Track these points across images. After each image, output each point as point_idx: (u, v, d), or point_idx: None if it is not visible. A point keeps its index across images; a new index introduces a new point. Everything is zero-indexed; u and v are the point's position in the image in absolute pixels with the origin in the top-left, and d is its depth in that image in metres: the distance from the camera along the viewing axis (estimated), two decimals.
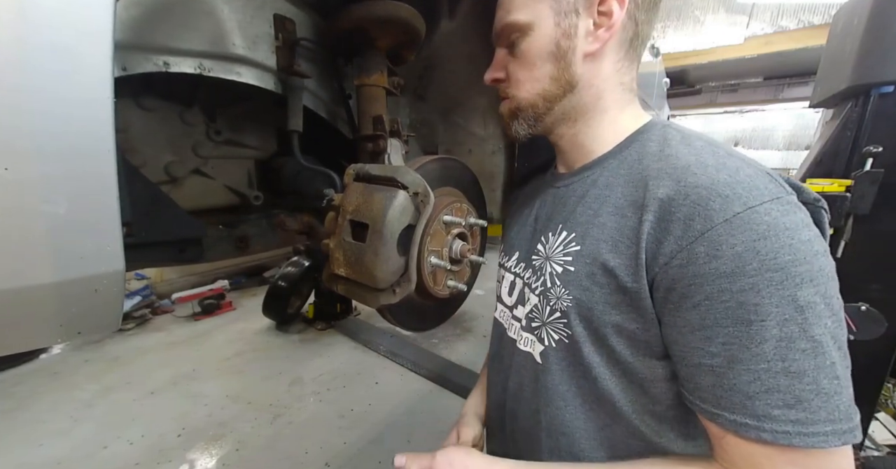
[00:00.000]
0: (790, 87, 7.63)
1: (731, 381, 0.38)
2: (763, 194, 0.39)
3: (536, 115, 0.56)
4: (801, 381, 0.36)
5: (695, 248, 0.39)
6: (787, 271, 0.36)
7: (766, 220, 0.37)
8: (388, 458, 2.31)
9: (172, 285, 4.08)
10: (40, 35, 0.37)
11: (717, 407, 0.40)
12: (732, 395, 0.38)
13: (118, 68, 0.61)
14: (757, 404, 0.37)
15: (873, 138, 1.23)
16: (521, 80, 0.55)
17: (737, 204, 0.38)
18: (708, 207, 0.39)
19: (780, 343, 0.36)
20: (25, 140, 0.37)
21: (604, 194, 0.51)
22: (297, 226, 0.97)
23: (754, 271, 0.37)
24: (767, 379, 0.37)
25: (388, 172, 0.67)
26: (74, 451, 2.13)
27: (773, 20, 6.00)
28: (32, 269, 0.39)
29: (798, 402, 0.36)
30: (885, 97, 1.21)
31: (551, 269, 0.53)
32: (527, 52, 0.53)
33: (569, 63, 0.52)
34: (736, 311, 0.38)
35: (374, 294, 0.70)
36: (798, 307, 0.36)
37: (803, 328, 0.36)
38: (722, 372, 0.39)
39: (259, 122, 1.12)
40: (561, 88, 0.53)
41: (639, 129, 0.54)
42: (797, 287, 0.36)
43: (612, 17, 0.49)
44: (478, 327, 3.66)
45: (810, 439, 0.35)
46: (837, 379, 0.36)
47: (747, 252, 0.37)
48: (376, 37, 0.88)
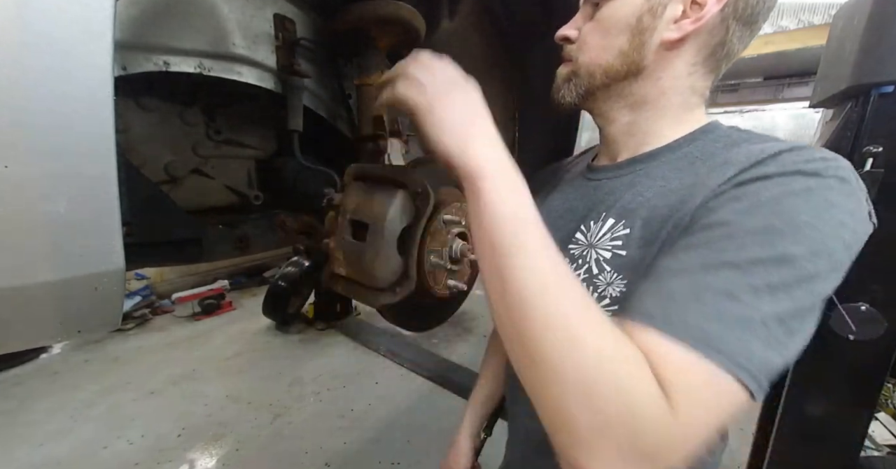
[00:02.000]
0: (790, 87, 7.63)
1: (668, 285, 0.36)
2: (827, 168, 0.36)
3: (590, 86, 0.52)
4: (732, 305, 0.33)
5: (724, 192, 0.39)
6: (797, 228, 0.34)
7: (811, 184, 0.35)
8: (388, 458, 2.31)
9: (172, 285, 4.08)
10: (40, 34, 0.37)
11: (638, 301, 0.38)
12: (660, 295, 0.36)
13: (118, 68, 0.61)
14: (677, 305, 0.35)
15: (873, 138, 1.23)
16: (589, 44, 0.51)
17: (789, 166, 0.37)
18: (758, 169, 0.38)
19: (737, 272, 0.34)
20: (26, 139, 0.37)
21: (658, 184, 0.48)
22: (297, 226, 0.97)
23: (763, 215, 0.35)
24: (702, 292, 0.34)
25: (387, 172, 0.67)
26: (74, 451, 2.13)
27: (773, 20, 6.00)
28: (32, 268, 0.39)
29: (719, 318, 0.33)
30: (885, 97, 1.21)
31: (597, 255, 0.50)
32: (607, 17, 0.49)
33: (642, 43, 0.48)
34: (720, 240, 0.36)
35: (374, 293, 0.70)
36: (779, 258, 0.34)
37: (768, 273, 0.33)
38: (664, 276, 0.37)
39: (259, 122, 1.12)
40: (625, 67, 0.50)
41: (702, 127, 0.51)
42: (795, 243, 0.34)
43: (704, 9, 0.45)
44: (478, 327, 3.66)
45: (706, 350, 0.32)
46: (768, 331, 0.33)
47: (770, 201, 0.35)
48: (376, 36, 0.88)
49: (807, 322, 0.35)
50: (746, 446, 1.61)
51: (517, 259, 0.37)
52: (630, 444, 0.32)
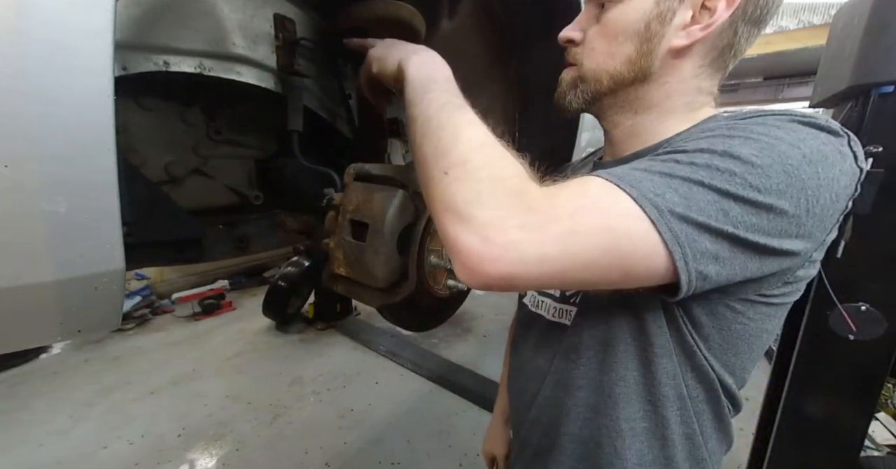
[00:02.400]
0: (790, 87, 7.63)
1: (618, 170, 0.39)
2: (805, 118, 0.37)
3: (596, 92, 0.52)
4: (659, 169, 0.36)
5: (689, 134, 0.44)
6: (748, 133, 0.36)
7: (776, 122, 0.37)
8: (388, 458, 2.31)
9: (172, 285, 4.08)
10: (40, 34, 0.37)
11: None
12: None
13: (118, 68, 0.61)
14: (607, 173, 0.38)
15: (873, 138, 1.23)
16: (596, 49, 0.50)
17: (766, 117, 0.39)
18: (734, 120, 0.41)
19: (674, 159, 0.37)
20: (25, 139, 0.37)
21: None
22: (297, 226, 0.97)
23: (719, 128, 0.39)
24: (639, 164, 0.38)
25: (388, 172, 0.67)
26: (74, 451, 2.13)
27: (774, 20, 5.98)
28: (32, 268, 0.39)
29: (641, 171, 0.37)
30: (885, 97, 1.21)
31: None
32: (613, 22, 0.48)
33: (651, 50, 0.47)
34: (672, 153, 0.39)
35: (374, 293, 0.70)
36: (726, 151, 0.35)
37: (711, 160, 0.35)
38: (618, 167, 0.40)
39: (259, 122, 1.12)
40: (632, 74, 0.49)
41: (705, 119, 0.51)
42: (743, 144, 0.35)
43: (714, 15, 0.44)
44: (478, 327, 3.66)
45: (614, 179, 0.36)
46: (690, 190, 0.34)
47: (728, 127, 0.39)
48: (376, 36, 0.88)
49: (749, 218, 0.34)
50: (746, 446, 1.61)
51: (423, 99, 0.47)
52: (499, 210, 0.35)
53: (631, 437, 0.52)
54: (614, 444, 0.52)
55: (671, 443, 0.51)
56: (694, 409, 0.51)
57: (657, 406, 0.51)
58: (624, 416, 0.51)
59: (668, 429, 0.51)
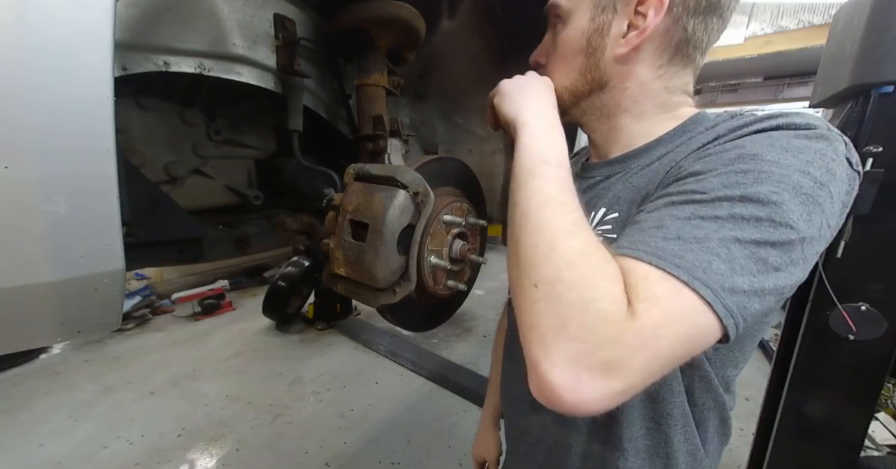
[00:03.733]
0: (790, 87, 7.62)
1: (637, 225, 0.40)
2: (799, 124, 0.38)
3: (562, 105, 0.55)
4: (693, 230, 0.35)
5: (696, 155, 0.42)
6: (760, 168, 0.35)
7: (775, 134, 0.37)
8: (388, 458, 2.31)
9: (172, 285, 4.08)
10: (40, 34, 0.37)
11: (618, 242, 0.40)
12: (628, 233, 0.40)
13: (118, 68, 0.61)
14: (641, 235, 0.38)
15: (873, 138, 1.23)
16: (553, 70, 0.56)
17: (761, 125, 0.39)
18: (732, 133, 0.41)
19: (700, 207, 0.36)
20: (26, 139, 0.37)
21: (647, 172, 0.50)
22: (297, 226, 0.97)
23: (728, 160, 0.37)
24: (666, 219, 0.37)
25: (388, 172, 0.67)
26: (74, 451, 2.13)
27: (773, 20, 6.00)
28: (33, 268, 0.39)
29: (678, 238, 0.35)
30: (885, 97, 1.21)
31: None
32: (563, 43, 0.53)
33: (597, 61, 0.51)
34: (689, 185, 0.39)
35: (374, 294, 0.70)
36: (742, 196, 0.35)
37: (735, 208, 0.35)
38: (634, 222, 0.41)
39: (259, 122, 1.12)
40: (587, 85, 0.53)
41: (691, 118, 0.51)
42: (758, 182, 0.35)
43: (646, 21, 0.47)
44: (478, 327, 3.66)
45: (660, 261, 0.34)
46: (730, 251, 0.34)
47: (736, 147, 0.38)
48: (376, 36, 0.88)
49: (784, 257, 0.34)
50: (746, 446, 1.61)
51: (529, 184, 0.44)
52: (583, 342, 0.33)
53: (633, 455, 0.52)
54: (616, 464, 0.53)
55: (674, 461, 0.51)
56: (698, 418, 0.51)
57: (660, 423, 0.50)
58: (627, 434, 0.51)
59: (672, 446, 0.51)
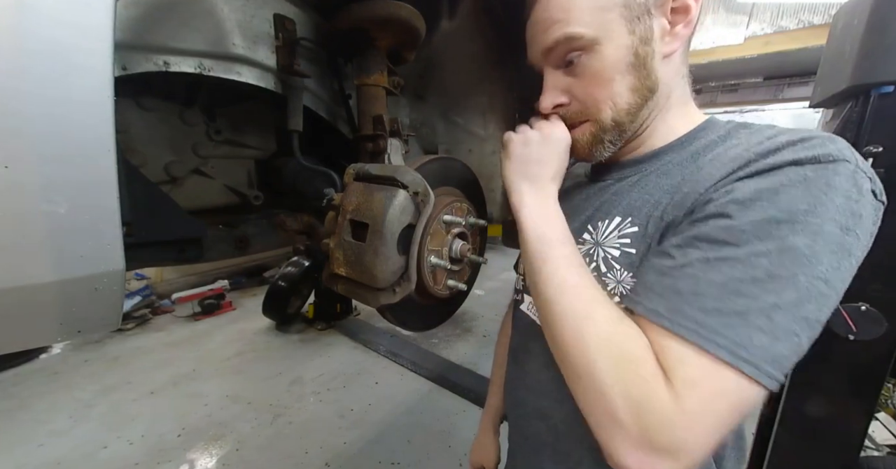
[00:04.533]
0: (790, 87, 7.62)
1: (670, 280, 0.38)
2: (828, 155, 0.36)
3: (622, 132, 0.51)
4: (733, 299, 0.35)
5: (721, 187, 0.39)
6: (795, 217, 0.34)
7: (808, 174, 0.36)
8: (388, 458, 2.31)
9: (172, 285, 4.08)
10: (41, 34, 0.37)
11: (643, 298, 0.40)
12: (663, 291, 0.38)
13: (118, 68, 0.61)
14: (678, 300, 0.37)
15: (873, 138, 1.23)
16: (599, 99, 0.50)
17: (787, 155, 0.37)
18: (759, 163, 0.38)
19: (736, 265, 0.35)
20: (26, 139, 0.37)
21: (662, 181, 0.49)
22: (297, 226, 0.97)
23: (761, 207, 0.35)
24: (704, 285, 0.36)
25: (388, 172, 0.67)
26: (74, 451, 2.13)
27: (773, 20, 6.00)
28: (33, 268, 0.39)
29: (718, 312, 0.35)
30: (885, 97, 1.21)
31: (604, 253, 0.50)
32: (600, 68, 0.48)
33: (650, 70, 0.48)
34: (720, 231, 0.37)
35: (374, 294, 0.70)
36: (780, 248, 0.34)
37: (773, 265, 0.34)
38: (666, 271, 0.39)
39: (259, 122, 1.12)
40: (643, 98, 0.49)
41: (702, 124, 0.52)
42: (793, 233, 0.34)
43: (690, 13, 0.46)
44: (478, 327, 3.66)
45: (704, 342, 0.34)
46: (771, 321, 0.34)
47: (768, 191, 0.36)
48: (376, 36, 0.88)
49: (823, 309, 0.35)
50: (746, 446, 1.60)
51: (541, 271, 0.46)
52: (638, 430, 0.34)
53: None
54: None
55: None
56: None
57: None
58: None
59: None
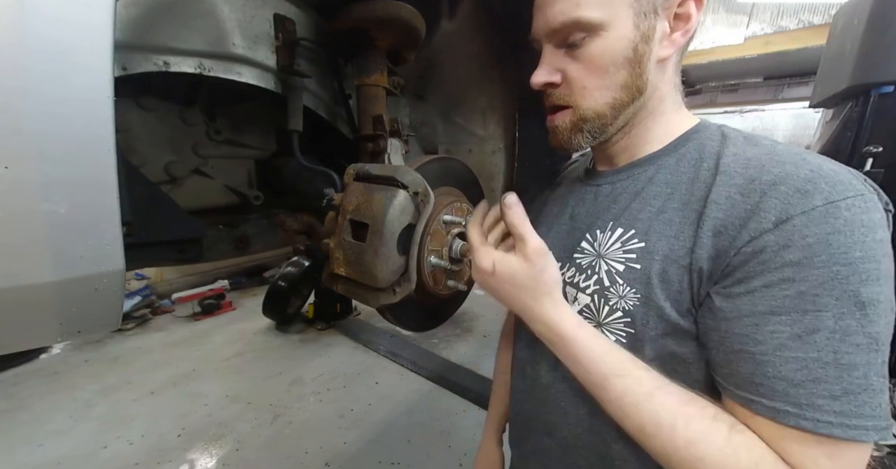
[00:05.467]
0: (790, 87, 7.63)
1: (775, 369, 0.38)
2: (847, 190, 0.37)
3: (603, 125, 0.51)
4: (850, 374, 0.35)
5: (766, 238, 0.38)
6: (856, 267, 0.35)
7: (845, 215, 0.36)
8: (388, 458, 2.30)
9: (172, 285, 4.08)
10: (41, 34, 0.37)
11: (754, 394, 0.39)
12: (775, 383, 0.38)
13: (118, 68, 0.61)
14: (801, 393, 0.36)
15: (873, 138, 1.23)
16: (588, 87, 0.49)
17: (818, 198, 0.37)
18: (787, 201, 0.38)
19: (833, 335, 0.36)
20: (26, 139, 0.37)
21: (665, 191, 0.48)
22: (297, 226, 0.97)
23: (822, 263, 0.36)
24: (816, 368, 0.36)
25: (388, 172, 0.67)
26: (74, 451, 2.13)
27: (773, 20, 6.01)
28: (33, 268, 0.39)
29: (845, 393, 0.35)
30: (885, 97, 1.21)
31: (608, 266, 0.50)
32: (599, 56, 0.47)
33: (643, 69, 0.48)
34: (794, 299, 0.37)
35: (374, 294, 0.70)
36: (859, 303, 0.35)
37: (861, 324, 0.35)
38: (766, 360, 0.38)
39: (259, 122, 1.12)
40: (631, 96, 0.49)
41: (693, 127, 0.52)
42: (862, 283, 0.35)
43: (690, 22, 0.47)
44: (478, 327, 3.66)
45: (852, 432, 0.35)
46: (884, 377, 0.36)
47: (819, 244, 0.36)
48: (376, 37, 0.88)
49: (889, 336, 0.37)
50: None
51: (627, 400, 0.44)
52: None
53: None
54: None
55: None
56: None
57: None
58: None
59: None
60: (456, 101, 1.33)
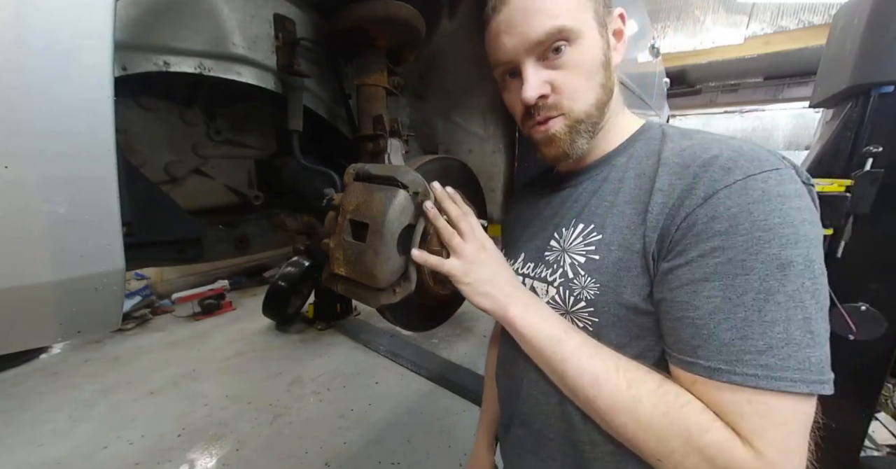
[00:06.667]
0: (790, 87, 7.63)
1: (710, 331, 0.41)
2: (763, 165, 0.42)
3: (594, 124, 0.56)
4: (772, 329, 0.38)
5: (697, 212, 0.43)
6: (776, 232, 0.39)
7: (762, 186, 0.41)
8: (388, 458, 2.31)
9: (172, 285, 4.08)
10: (40, 35, 0.37)
11: (692, 356, 0.42)
12: (710, 343, 0.41)
13: (118, 68, 0.61)
14: (731, 350, 0.40)
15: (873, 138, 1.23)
16: (578, 90, 0.54)
17: (737, 173, 0.42)
18: (712, 178, 0.43)
19: (758, 295, 0.39)
20: (26, 139, 0.37)
21: (616, 187, 0.54)
22: (297, 226, 0.97)
23: (745, 230, 0.40)
24: (744, 327, 0.39)
25: (388, 172, 0.67)
26: (74, 451, 2.13)
27: (773, 20, 6.01)
28: (32, 268, 0.39)
29: (769, 348, 0.38)
30: (885, 97, 1.21)
31: (571, 260, 0.54)
32: (582, 61, 0.53)
33: (611, 71, 0.55)
34: (724, 266, 0.40)
35: (374, 294, 0.69)
36: (780, 264, 0.39)
37: (782, 283, 0.38)
38: (702, 323, 0.41)
39: (259, 122, 1.12)
40: (607, 95, 0.56)
41: (640, 128, 0.59)
42: (782, 247, 0.39)
43: (622, 38, 0.56)
44: (478, 327, 3.66)
45: (776, 383, 0.38)
46: (811, 333, 0.39)
47: (742, 213, 0.40)
48: (376, 36, 0.88)
49: (826, 295, 0.41)
50: None
51: (567, 373, 0.49)
52: None
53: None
54: None
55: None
56: None
57: None
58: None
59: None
60: (456, 101, 1.33)
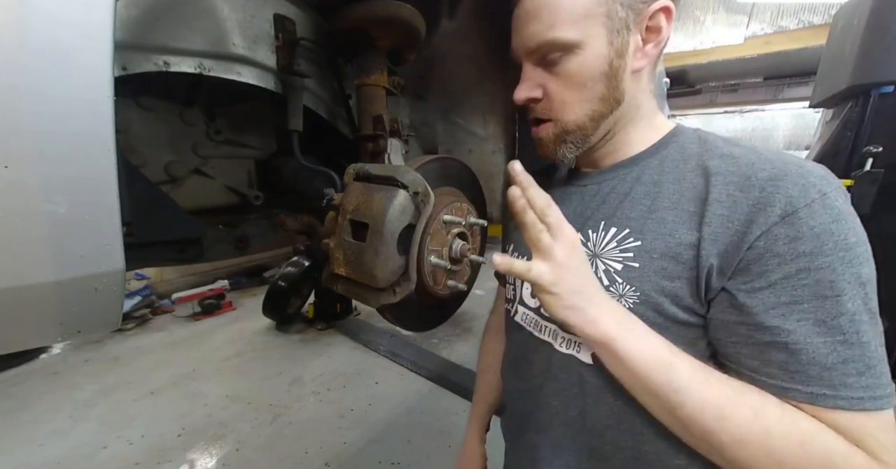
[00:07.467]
0: (790, 87, 7.63)
1: (809, 356, 0.40)
2: (830, 182, 0.42)
3: (585, 136, 0.54)
4: (868, 349, 0.39)
5: (775, 231, 0.41)
6: (854, 251, 0.40)
7: (836, 205, 0.40)
8: (388, 458, 2.30)
9: (172, 285, 4.08)
10: (40, 35, 0.37)
11: (788, 381, 0.41)
12: (809, 369, 0.40)
13: (118, 68, 0.61)
14: (833, 374, 0.39)
15: (873, 138, 1.23)
16: (568, 102, 0.52)
17: (813, 191, 0.41)
18: (788, 195, 0.41)
19: (853, 316, 0.39)
20: (26, 139, 0.37)
21: (653, 191, 0.50)
22: (297, 226, 0.97)
23: (830, 251, 0.39)
24: (844, 350, 0.39)
25: (388, 172, 0.67)
26: (74, 451, 2.13)
27: (773, 20, 6.01)
28: (33, 268, 0.39)
29: (868, 368, 0.39)
30: (885, 97, 1.21)
31: (605, 266, 0.51)
32: (576, 73, 0.50)
33: (619, 82, 0.50)
34: (813, 287, 0.39)
35: (374, 294, 0.70)
36: (861, 283, 0.39)
37: (865, 302, 0.39)
38: (798, 348, 0.40)
39: (259, 122, 1.12)
40: (609, 107, 0.52)
41: (672, 131, 0.55)
42: (861, 265, 0.40)
43: (661, 33, 0.49)
44: (478, 327, 3.66)
45: (879, 402, 0.38)
46: (883, 346, 0.40)
47: (824, 233, 0.39)
48: (376, 36, 0.88)
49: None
50: None
51: (683, 399, 0.41)
52: None
53: None
54: None
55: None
56: None
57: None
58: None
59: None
60: (456, 101, 1.33)
